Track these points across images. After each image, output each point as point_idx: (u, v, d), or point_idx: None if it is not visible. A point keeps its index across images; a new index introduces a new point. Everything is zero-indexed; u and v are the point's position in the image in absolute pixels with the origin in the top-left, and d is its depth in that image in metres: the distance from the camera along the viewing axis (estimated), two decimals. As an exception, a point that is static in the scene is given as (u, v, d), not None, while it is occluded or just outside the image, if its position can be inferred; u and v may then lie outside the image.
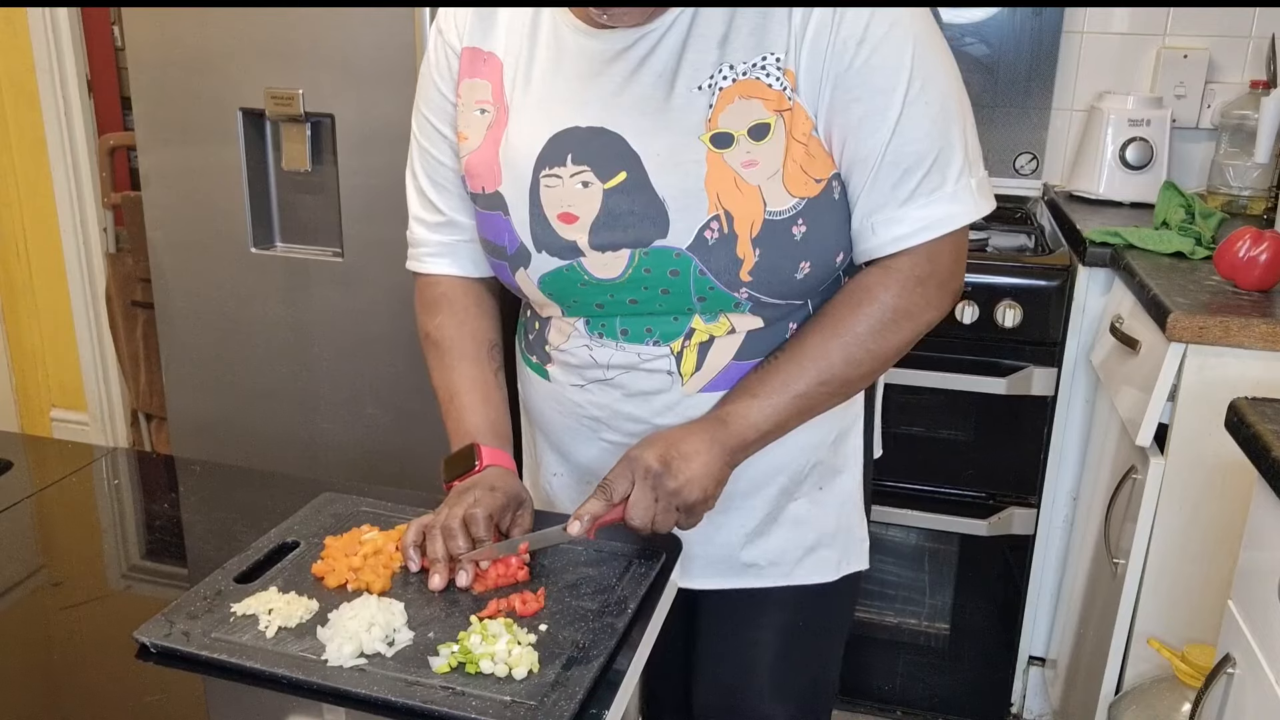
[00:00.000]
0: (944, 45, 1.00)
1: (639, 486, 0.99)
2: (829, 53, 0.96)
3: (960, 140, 1.00)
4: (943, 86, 0.99)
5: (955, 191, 1.01)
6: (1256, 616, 1.08)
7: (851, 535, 1.20)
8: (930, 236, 1.01)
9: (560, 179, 1.02)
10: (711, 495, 1.02)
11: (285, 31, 1.95)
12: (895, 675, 2.16)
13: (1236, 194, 2.18)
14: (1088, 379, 1.96)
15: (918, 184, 1.00)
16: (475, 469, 1.07)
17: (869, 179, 1.00)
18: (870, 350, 1.04)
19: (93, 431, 3.16)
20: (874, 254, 1.04)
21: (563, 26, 1.03)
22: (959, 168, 1.00)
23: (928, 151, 0.99)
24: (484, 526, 0.98)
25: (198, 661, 0.85)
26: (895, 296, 1.03)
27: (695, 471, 1.00)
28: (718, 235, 0.99)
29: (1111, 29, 2.30)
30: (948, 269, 1.05)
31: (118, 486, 1.23)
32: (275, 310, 2.13)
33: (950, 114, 0.99)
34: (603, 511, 0.99)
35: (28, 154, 2.96)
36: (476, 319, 1.19)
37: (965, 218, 1.02)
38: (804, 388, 1.04)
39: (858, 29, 0.95)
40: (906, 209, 1.00)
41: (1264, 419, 1.06)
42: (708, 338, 1.06)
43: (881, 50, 0.95)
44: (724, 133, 0.98)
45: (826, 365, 1.04)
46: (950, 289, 1.06)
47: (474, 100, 1.09)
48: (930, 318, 1.06)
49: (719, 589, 1.18)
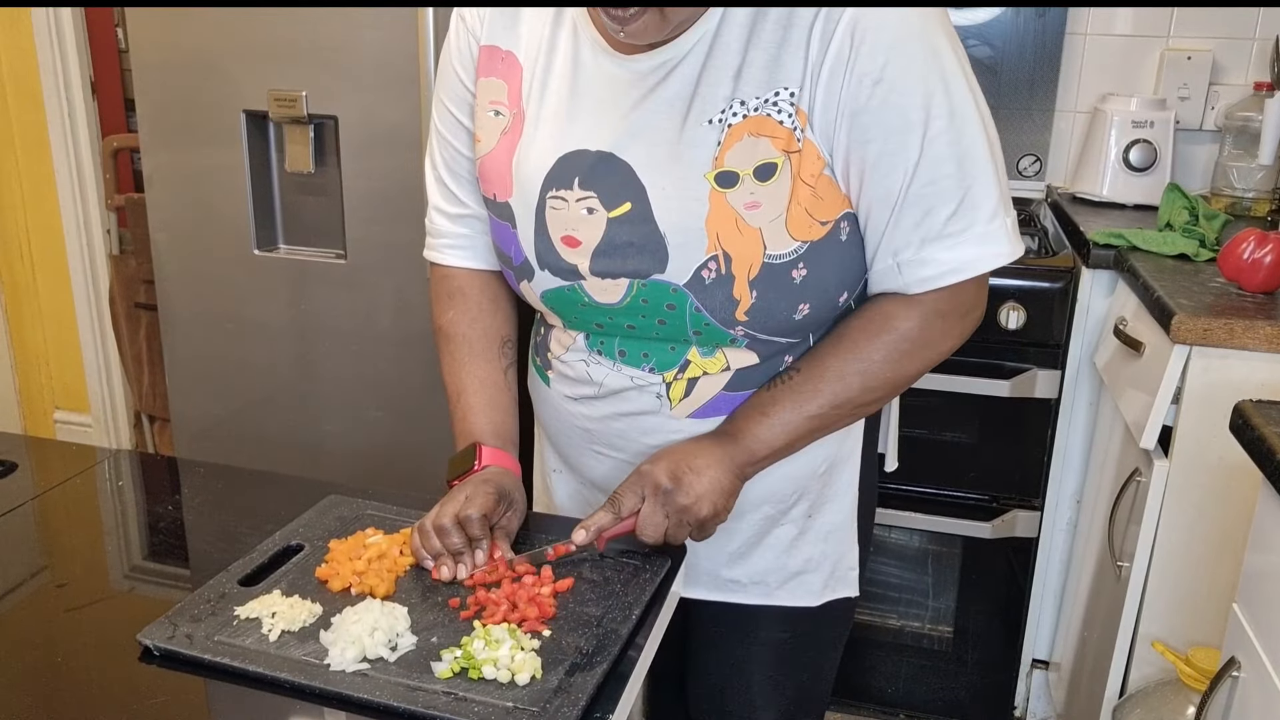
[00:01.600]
0: (971, 78, 0.96)
1: (649, 503, 0.99)
2: (844, 89, 0.92)
3: (993, 180, 0.97)
4: (968, 123, 0.95)
5: (986, 232, 0.97)
6: (1262, 619, 1.07)
7: (840, 562, 1.18)
8: (959, 279, 0.98)
9: (566, 202, 1.01)
10: (723, 509, 1.02)
11: (288, 33, 1.95)
12: (898, 678, 2.16)
13: (1240, 196, 2.18)
14: (1091, 381, 1.96)
15: (944, 224, 0.97)
16: (474, 469, 1.07)
17: (891, 219, 0.97)
18: (886, 378, 1.03)
19: (96, 433, 3.16)
20: (901, 292, 1.01)
21: (583, 42, 1.01)
22: (992, 208, 0.97)
23: (952, 191, 0.96)
24: (478, 526, 0.99)
25: (201, 665, 0.85)
26: (916, 327, 1.01)
27: (706, 487, 0.99)
28: (715, 275, 0.98)
29: (1115, 30, 2.30)
30: (971, 301, 1.03)
31: (121, 488, 1.23)
32: (278, 312, 2.13)
33: (977, 152, 0.96)
34: (610, 525, 0.99)
35: (31, 155, 2.97)
36: (490, 315, 1.18)
37: (996, 260, 0.99)
38: (817, 409, 1.03)
39: (874, 67, 0.91)
40: (932, 249, 0.97)
41: (1269, 421, 1.06)
42: (700, 373, 1.06)
43: (899, 88, 0.92)
44: (729, 171, 0.96)
45: (842, 389, 1.02)
46: (971, 319, 1.04)
47: (488, 100, 1.07)
48: (949, 347, 1.05)
49: (707, 600, 1.18)
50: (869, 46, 0.91)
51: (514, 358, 1.19)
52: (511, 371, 1.18)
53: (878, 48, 0.91)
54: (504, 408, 1.15)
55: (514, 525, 1.05)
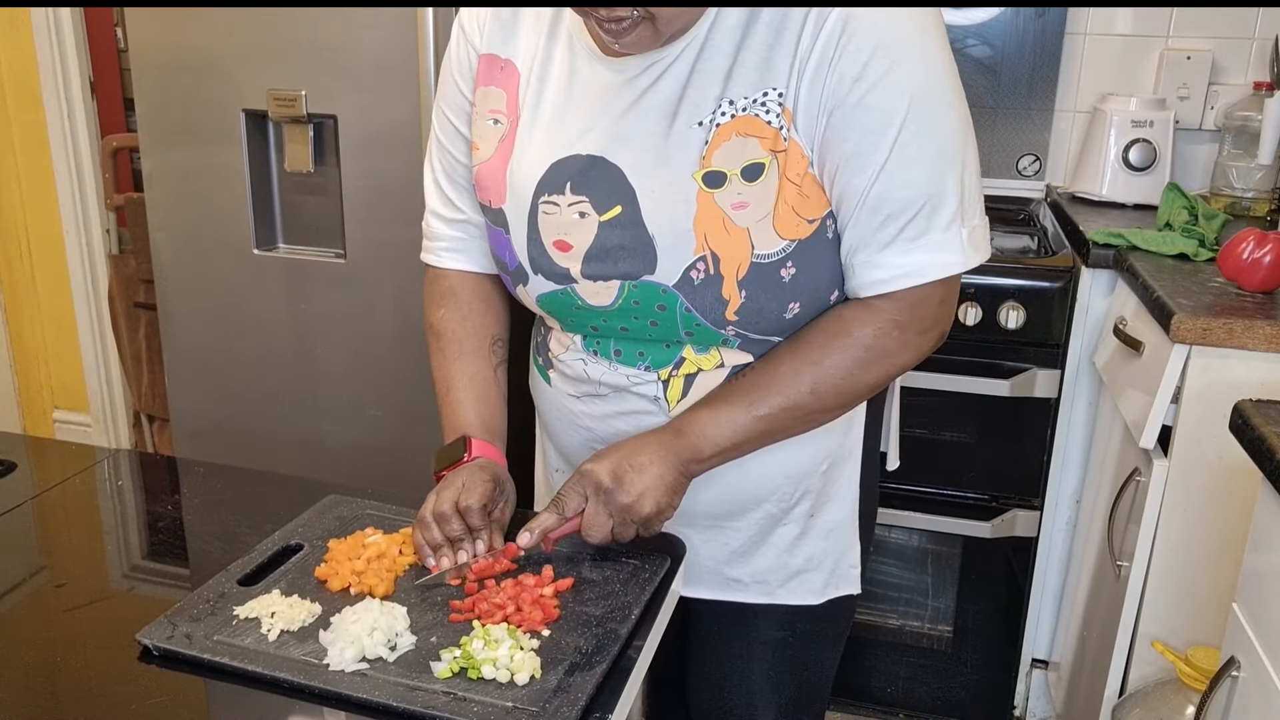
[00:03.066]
0: (954, 85, 0.96)
1: (592, 503, 0.99)
2: (826, 86, 0.93)
3: (956, 188, 0.96)
4: (942, 132, 0.95)
5: (942, 240, 0.97)
6: (1261, 619, 1.07)
7: (842, 561, 1.18)
8: (908, 284, 0.98)
9: (558, 207, 1.02)
10: (667, 506, 1.01)
11: (288, 33, 1.95)
12: (898, 678, 2.16)
13: (1240, 195, 2.18)
14: (1091, 381, 1.96)
15: (900, 229, 0.96)
16: (464, 460, 1.08)
17: (851, 217, 0.97)
18: (839, 386, 1.02)
19: (95, 433, 3.16)
20: (854, 293, 1.02)
21: (578, 50, 1.02)
22: (949, 216, 0.96)
23: (915, 198, 0.95)
24: (478, 516, 0.99)
25: (200, 664, 0.85)
26: (872, 336, 1.00)
27: (648, 484, 0.99)
28: (704, 275, 0.98)
29: (1114, 30, 2.30)
30: (930, 316, 1.01)
31: (120, 488, 1.23)
32: (278, 311, 2.13)
33: (947, 161, 0.95)
34: (555, 525, 0.99)
35: (31, 155, 2.97)
36: (481, 314, 1.19)
37: (949, 268, 0.98)
38: (767, 410, 1.02)
39: (856, 65, 0.92)
40: (886, 254, 0.97)
41: (1268, 421, 1.06)
42: (695, 370, 1.06)
43: (878, 90, 0.92)
44: (717, 171, 0.96)
45: (794, 393, 1.01)
46: (931, 335, 1.03)
47: (488, 109, 1.08)
48: (906, 360, 1.03)
49: (707, 599, 1.18)
50: (855, 45, 0.91)
51: (504, 356, 1.20)
52: (501, 370, 1.19)
53: (863, 47, 0.91)
54: (493, 403, 1.15)
55: (506, 518, 1.05)
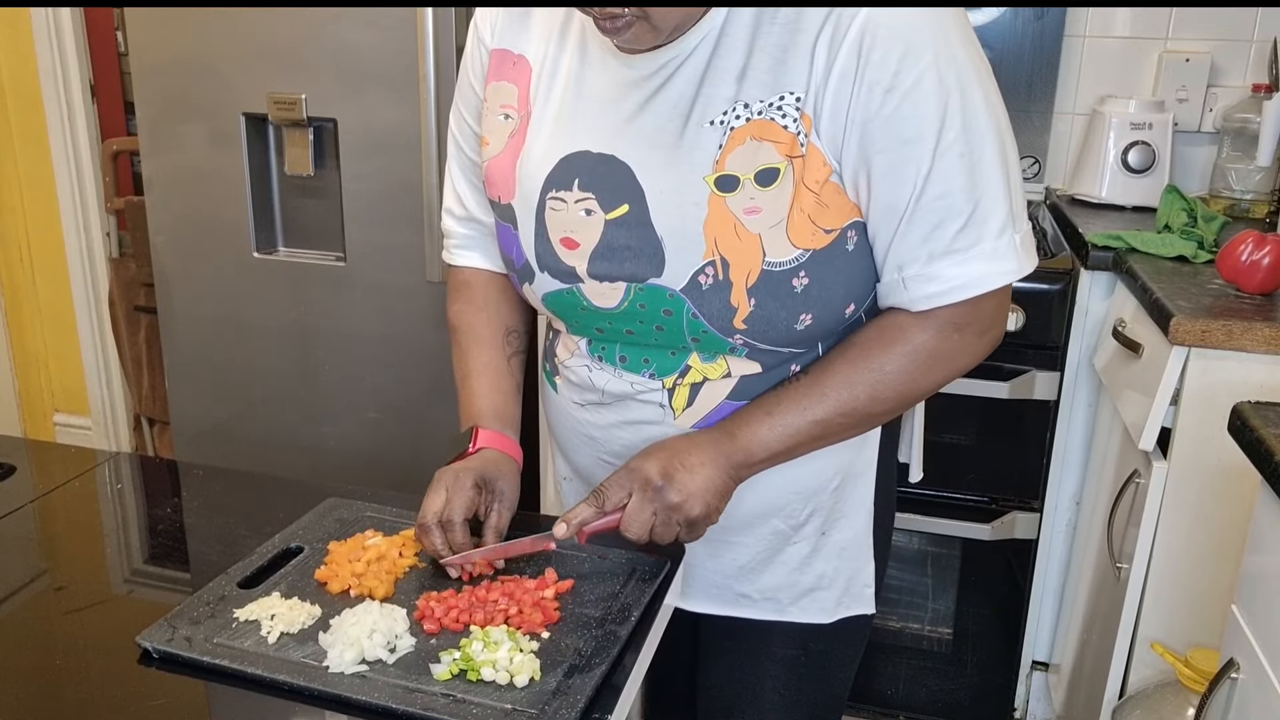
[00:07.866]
0: (989, 87, 0.93)
1: (637, 498, 0.97)
2: (854, 97, 0.90)
3: (1004, 193, 0.94)
4: (983, 136, 0.92)
5: (995, 248, 0.94)
6: (1260, 621, 1.07)
7: (855, 579, 1.15)
8: (965, 296, 0.95)
9: (565, 203, 1.00)
10: (715, 510, 0.99)
11: (288, 36, 1.96)
12: (898, 680, 2.16)
13: (1239, 197, 2.18)
14: (1090, 383, 1.96)
15: (952, 239, 0.94)
16: (468, 452, 1.07)
17: (897, 231, 0.94)
18: (898, 390, 1.00)
19: (95, 436, 3.16)
20: (907, 308, 0.98)
21: (590, 44, 1.00)
22: (1001, 223, 0.94)
23: (962, 205, 0.92)
24: (460, 532, 0.99)
25: (200, 667, 0.85)
26: (931, 339, 0.98)
27: (698, 485, 0.97)
28: (712, 281, 0.96)
29: (1113, 32, 2.30)
30: (989, 317, 1.00)
31: (120, 491, 1.23)
32: (278, 314, 2.13)
33: (991, 166, 0.93)
34: (592, 519, 0.97)
35: (31, 158, 2.97)
36: (496, 305, 1.19)
37: (1005, 277, 0.95)
38: (822, 415, 1.00)
39: (885, 75, 0.88)
40: (939, 265, 0.95)
41: (1267, 423, 1.06)
42: (701, 379, 1.04)
43: (911, 98, 0.89)
44: (730, 175, 0.93)
45: (850, 397, 0.99)
46: (990, 336, 1.01)
47: (499, 104, 1.07)
48: (964, 364, 1.01)
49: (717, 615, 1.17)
50: (880, 54, 0.88)
51: (519, 347, 1.19)
52: (516, 360, 1.18)
53: (890, 55, 0.88)
54: (506, 391, 1.15)
55: (504, 521, 1.03)
